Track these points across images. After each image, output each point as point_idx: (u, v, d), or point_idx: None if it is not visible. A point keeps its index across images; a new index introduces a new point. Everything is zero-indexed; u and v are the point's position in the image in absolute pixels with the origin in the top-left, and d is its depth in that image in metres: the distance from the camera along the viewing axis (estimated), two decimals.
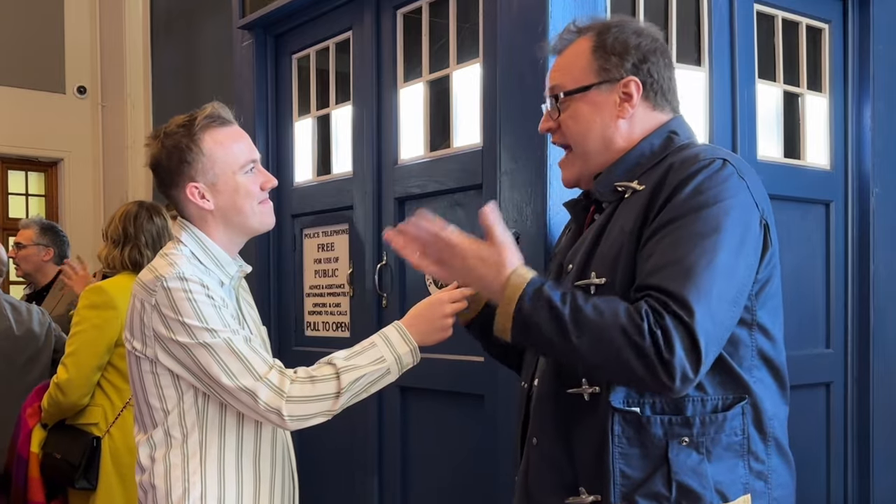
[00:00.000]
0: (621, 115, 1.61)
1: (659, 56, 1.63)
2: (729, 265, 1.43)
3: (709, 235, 1.42)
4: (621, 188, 1.57)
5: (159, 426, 1.78)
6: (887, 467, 2.75)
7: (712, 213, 1.44)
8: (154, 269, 1.76)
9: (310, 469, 3.07)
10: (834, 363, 2.71)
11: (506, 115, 2.22)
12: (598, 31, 1.64)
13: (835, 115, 2.74)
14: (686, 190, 1.46)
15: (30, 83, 6.59)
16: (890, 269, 2.75)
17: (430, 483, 2.61)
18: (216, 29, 5.29)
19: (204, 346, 1.69)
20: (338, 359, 1.74)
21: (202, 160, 1.80)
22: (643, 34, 1.64)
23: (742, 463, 1.52)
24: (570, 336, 1.41)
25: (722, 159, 1.50)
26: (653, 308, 1.38)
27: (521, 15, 2.18)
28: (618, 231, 1.53)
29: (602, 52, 1.61)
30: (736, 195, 1.47)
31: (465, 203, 2.48)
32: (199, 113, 1.83)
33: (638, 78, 1.60)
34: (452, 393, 2.49)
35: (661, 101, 1.64)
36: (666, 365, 1.36)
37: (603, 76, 1.61)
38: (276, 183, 1.88)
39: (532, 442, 1.63)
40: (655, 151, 1.60)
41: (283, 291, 3.19)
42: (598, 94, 1.61)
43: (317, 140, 3.09)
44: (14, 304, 3.54)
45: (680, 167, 1.50)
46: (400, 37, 2.72)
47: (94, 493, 2.82)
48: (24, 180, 6.94)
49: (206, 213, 1.82)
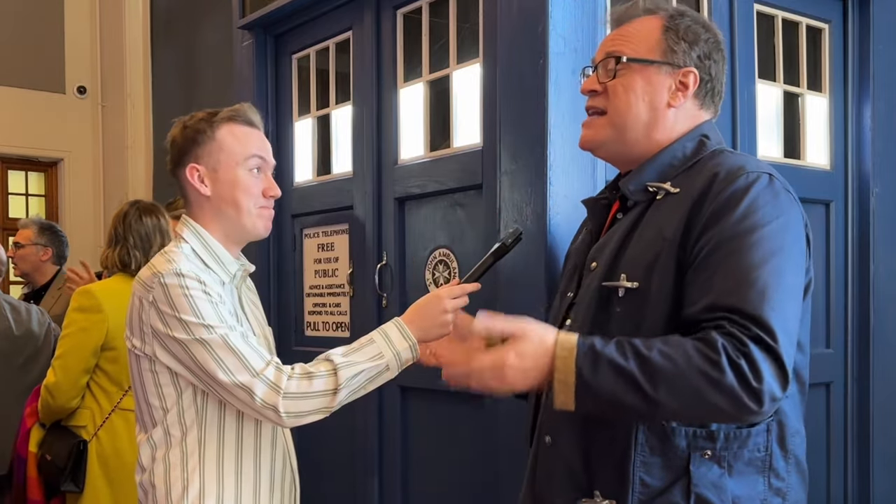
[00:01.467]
0: (672, 102, 1.59)
1: (720, 57, 1.63)
2: (794, 284, 1.43)
3: (774, 254, 1.40)
4: (653, 189, 1.55)
5: (159, 425, 1.78)
6: (887, 467, 2.75)
7: (772, 231, 1.42)
8: (153, 266, 1.77)
9: (310, 469, 3.07)
10: (834, 363, 2.71)
11: (506, 115, 2.22)
12: (671, 14, 1.61)
13: (835, 115, 2.74)
14: (741, 207, 1.42)
15: (30, 83, 6.58)
16: (890, 269, 2.75)
17: (430, 483, 2.61)
18: (216, 29, 5.29)
19: (200, 341, 1.68)
20: (335, 355, 1.73)
21: (210, 144, 1.81)
22: (710, 30, 1.63)
23: (762, 479, 1.50)
24: (646, 391, 1.34)
25: (767, 174, 1.48)
26: (730, 335, 1.34)
27: (521, 15, 2.18)
28: (653, 235, 1.50)
29: (674, 34, 1.59)
30: (789, 211, 1.46)
31: (465, 203, 2.48)
32: (227, 109, 1.85)
33: (698, 71, 1.59)
34: (452, 393, 2.48)
35: (709, 101, 1.63)
36: (754, 393, 1.33)
37: (668, 58, 1.58)
38: (279, 193, 1.87)
39: (545, 441, 1.61)
40: (688, 155, 1.58)
41: (283, 291, 3.19)
42: (658, 73, 1.58)
43: (317, 140, 3.09)
44: (13, 304, 3.55)
45: (726, 179, 1.46)
46: (400, 37, 2.72)
47: (80, 496, 2.82)
48: (24, 180, 6.94)
49: (203, 199, 1.82)
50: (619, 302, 1.52)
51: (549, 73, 2.08)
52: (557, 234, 2.04)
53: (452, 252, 2.51)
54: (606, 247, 1.58)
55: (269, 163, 1.86)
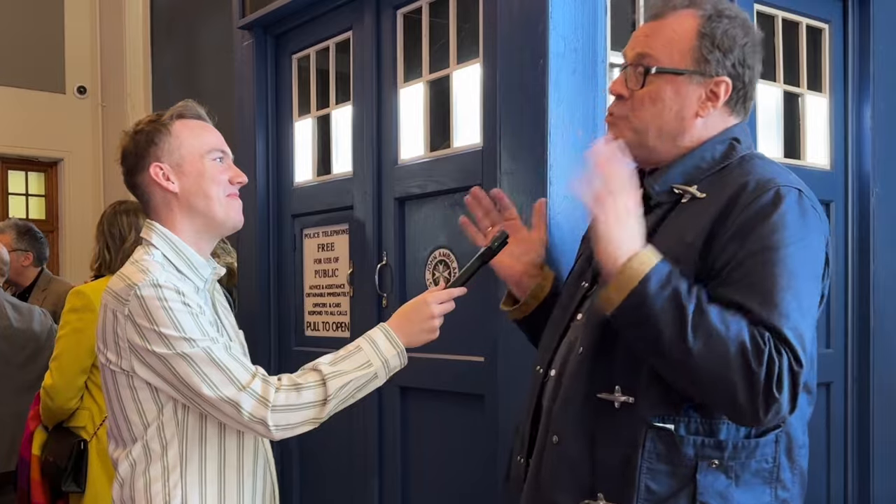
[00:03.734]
0: (701, 113, 1.54)
1: (757, 61, 1.57)
2: (812, 306, 1.44)
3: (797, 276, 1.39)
4: (678, 191, 1.53)
5: (138, 440, 1.72)
6: (887, 467, 2.75)
7: (797, 251, 1.41)
8: (125, 277, 1.69)
9: (310, 469, 3.08)
10: (834, 363, 2.71)
11: (506, 115, 2.22)
12: (709, 15, 1.53)
13: (835, 115, 2.74)
14: (770, 222, 1.40)
15: (30, 83, 6.59)
16: (890, 269, 2.75)
17: (430, 483, 2.61)
18: (216, 29, 5.29)
19: (182, 356, 1.62)
20: (323, 364, 1.70)
21: (169, 140, 1.77)
22: (750, 33, 1.56)
23: (769, 490, 1.48)
24: (686, 334, 1.34)
25: (797, 189, 1.45)
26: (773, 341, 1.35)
27: (521, 15, 2.17)
28: (675, 239, 1.47)
29: (709, 41, 1.52)
30: (816, 230, 1.46)
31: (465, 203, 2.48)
32: (172, 108, 1.82)
33: (731, 80, 1.54)
34: (452, 393, 2.49)
35: (740, 107, 1.58)
36: (770, 398, 1.33)
37: (700, 67, 1.52)
38: (245, 180, 1.83)
39: (552, 440, 1.59)
40: (717, 158, 1.54)
41: (283, 291, 3.19)
42: (689, 83, 1.53)
43: (317, 140, 3.09)
44: (14, 304, 3.55)
45: (756, 190, 1.43)
46: (400, 37, 2.72)
47: (82, 497, 2.82)
48: (24, 180, 6.95)
49: (171, 197, 1.77)
50: None
51: (549, 73, 2.08)
52: (557, 234, 2.04)
53: (452, 252, 2.51)
54: None
55: (228, 153, 1.83)
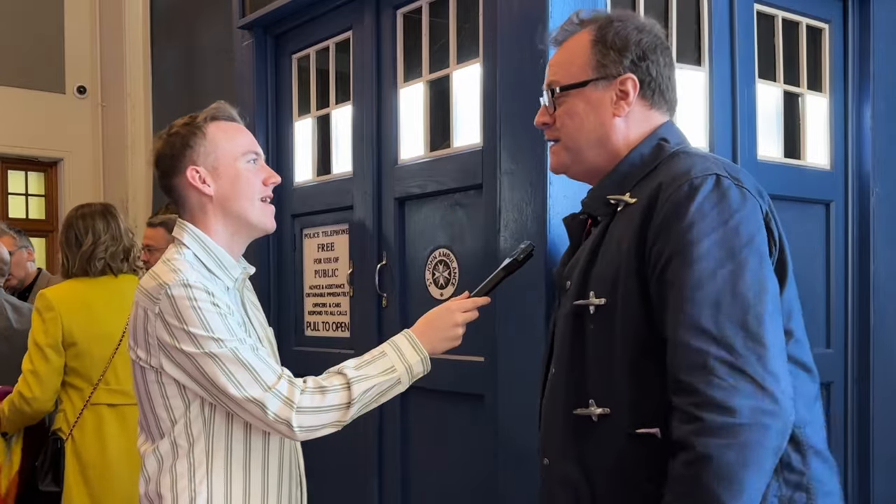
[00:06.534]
0: (617, 112, 1.57)
1: (659, 54, 1.59)
2: (755, 283, 1.37)
3: (724, 263, 1.36)
4: (613, 201, 1.54)
5: (166, 436, 1.74)
6: (887, 467, 2.75)
7: (722, 237, 1.38)
8: (157, 276, 1.71)
9: (310, 469, 3.07)
10: (834, 363, 2.71)
11: (506, 115, 2.22)
12: (600, 24, 1.59)
13: (835, 115, 2.74)
14: (687, 216, 1.39)
15: (30, 83, 6.59)
16: (890, 269, 2.75)
17: (430, 483, 2.61)
18: (216, 29, 5.29)
19: (210, 355, 1.65)
20: (348, 368, 1.72)
21: (204, 144, 1.79)
22: (645, 30, 1.59)
23: (774, 476, 1.43)
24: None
25: (714, 175, 1.43)
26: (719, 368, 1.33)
27: (521, 15, 2.18)
28: (615, 248, 1.49)
29: (602, 46, 1.57)
30: (741, 209, 1.41)
31: (465, 203, 2.48)
32: (205, 110, 1.83)
33: (636, 76, 1.57)
34: (452, 393, 2.49)
35: (659, 100, 1.60)
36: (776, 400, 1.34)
37: (600, 72, 1.57)
38: (279, 180, 1.86)
39: (544, 463, 1.60)
40: (646, 161, 1.56)
41: (283, 291, 3.19)
42: (595, 90, 1.58)
43: (317, 140, 3.09)
44: (15, 305, 3.55)
45: (670, 186, 1.43)
46: (400, 37, 2.72)
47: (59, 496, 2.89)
48: (24, 180, 6.94)
49: (206, 200, 1.79)
50: (592, 319, 1.50)
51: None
52: (557, 235, 2.04)
53: (452, 252, 2.51)
54: (577, 265, 1.57)
55: (260, 154, 1.86)
